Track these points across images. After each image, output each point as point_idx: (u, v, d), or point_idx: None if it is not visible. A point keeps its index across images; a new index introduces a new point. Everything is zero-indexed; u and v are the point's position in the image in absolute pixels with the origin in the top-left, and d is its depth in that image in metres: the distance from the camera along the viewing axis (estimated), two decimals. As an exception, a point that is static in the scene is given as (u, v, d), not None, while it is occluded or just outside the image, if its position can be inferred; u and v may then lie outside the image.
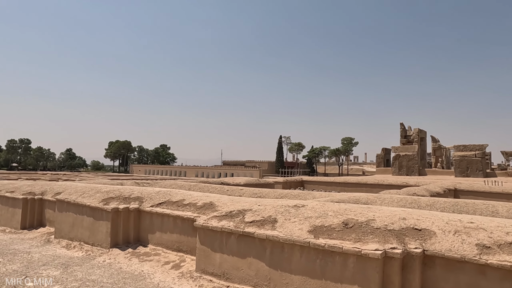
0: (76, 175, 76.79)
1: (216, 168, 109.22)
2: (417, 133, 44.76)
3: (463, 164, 31.85)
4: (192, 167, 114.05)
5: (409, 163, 35.75)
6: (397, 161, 36.55)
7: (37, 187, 10.55)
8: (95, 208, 6.93)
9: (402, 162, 36.08)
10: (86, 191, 7.94)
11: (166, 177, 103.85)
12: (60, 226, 7.97)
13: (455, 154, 32.95)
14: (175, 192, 6.97)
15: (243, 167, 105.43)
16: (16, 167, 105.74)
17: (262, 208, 4.86)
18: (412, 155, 35.49)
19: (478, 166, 31.10)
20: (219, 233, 4.69)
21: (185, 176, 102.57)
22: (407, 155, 35.78)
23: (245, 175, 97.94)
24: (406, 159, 35.87)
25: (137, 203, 6.74)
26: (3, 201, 10.70)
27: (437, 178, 29.33)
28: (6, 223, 10.35)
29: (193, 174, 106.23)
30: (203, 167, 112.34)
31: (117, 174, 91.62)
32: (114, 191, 7.43)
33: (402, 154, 36.12)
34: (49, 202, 9.68)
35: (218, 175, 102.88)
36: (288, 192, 10.47)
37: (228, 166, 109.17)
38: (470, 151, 31.95)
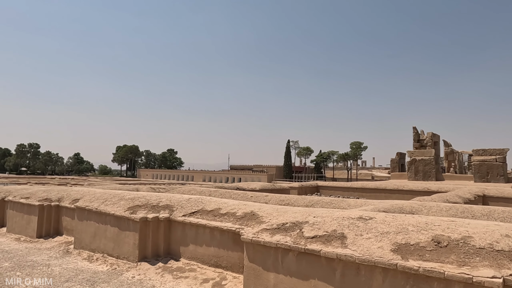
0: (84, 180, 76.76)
1: (223, 173, 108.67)
2: (431, 137, 43.82)
3: (483, 169, 30.85)
4: (199, 172, 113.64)
5: (425, 167, 34.81)
6: (413, 165, 35.63)
7: (53, 193, 10.02)
8: (120, 217, 6.34)
9: (418, 167, 35.14)
10: (108, 198, 7.36)
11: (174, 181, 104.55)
12: (80, 236, 7.39)
13: (474, 159, 31.95)
14: (207, 200, 6.36)
15: (250, 171, 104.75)
16: (25, 171, 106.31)
17: (320, 220, 4.22)
18: (429, 160, 34.55)
19: (499, 171, 30.07)
20: (273, 250, 4.06)
21: (193, 180, 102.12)
22: (424, 160, 34.86)
23: (252, 179, 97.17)
24: (423, 164, 34.93)
25: (167, 212, 6.13)
26: (18, 207, 10.18)
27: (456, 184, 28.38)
28: (21, 231, 9.81)
29: (200, 178, 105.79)
30: (211, 172, 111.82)
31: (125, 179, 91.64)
32: (139, 198, 6.84)
33: (418, 159, 35.18)
34: (66, 209, 9.13)
35: (225, 179, 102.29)
36: (319, 199, 9.80)
37: (235, 171, 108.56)
38: (490, 156, 30.96)
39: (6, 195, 12.72)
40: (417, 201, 9.57)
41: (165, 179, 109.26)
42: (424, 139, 46.05)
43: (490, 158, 30.16)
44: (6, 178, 76.80)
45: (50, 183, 65.16)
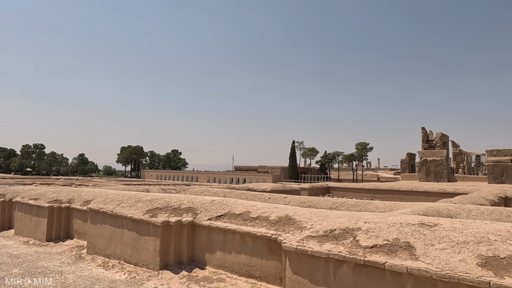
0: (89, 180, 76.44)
1: (228, 174, 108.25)
2: (440, 137, 43.10)
3: (498, 170, 30.11)
4: (203, 173, 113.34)
5: (437, 168, 34.10)
6: (424, 166, 34.90)
7: (63, 194, 9.55)
8: (139, 221, 5.85)
9: (429, 168, 34.43)
10: (123, 199, 6.87)
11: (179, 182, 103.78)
12: (93, 241, 6.91)
13: (488, 159, 31.20)
14: (232, 202, 5.85)
15: (255, 172, 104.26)
16: (30, 172, 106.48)
17: (374, 227, 3.69)
18: (441, 160, 33.83)
19: (515, 171, 29.28)
20: (323, 261, 3.54)
21: (197, 181, 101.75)
22: (435, 160, 34.13)
23: (257, 180, 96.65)
24: (434, 165, 34.22)
25: (191, 216, 5.63)
26: (26, 209, 9.74)
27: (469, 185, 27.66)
28: (30, 233, 9.36)
29: (205, 179, 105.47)
30: (215, 173, 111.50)
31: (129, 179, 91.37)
32: (158, 200, 6.35)
33: (429, 159, 34.46)
34: (77, 211, 8.66)
35: (230, 180, 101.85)
36: (343, 201, 9.26)
37: (240, 172, 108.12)
38: (505, 156, 30.22)
39: (13, 196, 12.29)
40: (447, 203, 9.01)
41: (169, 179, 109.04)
42: (433, 140, 45.31)
43: (505, 158, 29.43)
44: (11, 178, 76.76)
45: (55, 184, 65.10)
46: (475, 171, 56.75)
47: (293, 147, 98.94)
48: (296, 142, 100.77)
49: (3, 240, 9.99)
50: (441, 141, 43.86)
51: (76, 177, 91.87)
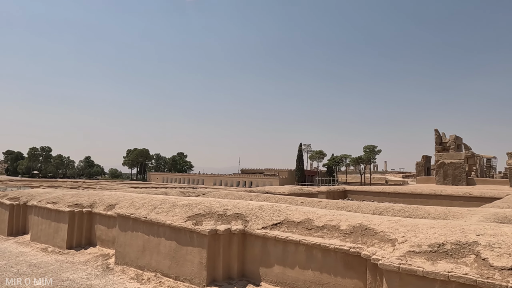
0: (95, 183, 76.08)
1: (234, 177, 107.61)
2: (454, 140, 42.14)
3: (520, 173, 29.10)
4: (210, 175, 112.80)
5: (455, 171, 33.11)
6: (441, 169, 33.93)
7: (83, 197, 8.91)
8: (179, 229, 5.16)
9: (447, 171, 33.45)
10: (156, 204, 6.19)
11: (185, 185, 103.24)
12: (123, 250, 6.23)
13: (509, 162, 30.20)
14: (284, 208, 5.14)
15: (262, 175, 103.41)
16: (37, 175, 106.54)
17: (497, 240, 2.97)
18: (459, 163, 32.87)
19: (538, 175, 28.27)
20: (438, 284, 2.82)
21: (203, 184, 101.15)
22: (453, 163, 33.16)
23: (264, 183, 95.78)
24: (452, 167, 33.25)
25: (240, 223, 4.93)
26: (44, 213, 9.10)
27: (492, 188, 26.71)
28: (48, 240, 8.72)
29: (211, 182, 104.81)
30: (221, 175, 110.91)
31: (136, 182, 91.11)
32: (198, 205, 5.66)
33: (447, 162, 33.50)
34: (101, 216, 8.00)
35: (236, 183, 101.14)
36: (387, 206, 8.51)
37: (246, 175, 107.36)
38: (528, 159, 29.19)
39: (28, 199, 11.69)
40: (501, 208, 8.23)
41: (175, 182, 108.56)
42: (446, 142, 44.34)
43: (527, 161, 28.46)
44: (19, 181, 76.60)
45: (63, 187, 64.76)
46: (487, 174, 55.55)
47: (300, 150, 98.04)
48: (303, 145, 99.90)
49: (19, 246, 9.37)
50: (455, 144, 42.86)
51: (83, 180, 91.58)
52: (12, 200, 11.65)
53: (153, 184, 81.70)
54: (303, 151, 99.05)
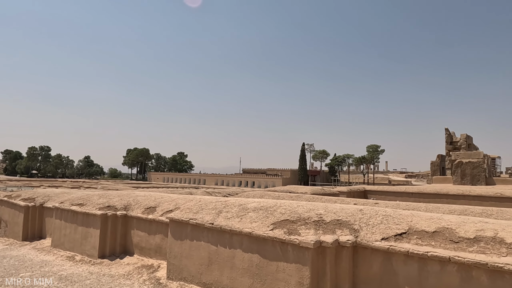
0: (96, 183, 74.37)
1: (236, 176, 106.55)
2: (465, 139, 41.38)
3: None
4: (211, 175, 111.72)
5: (473, 171, 32.18)
6: (459, 168, 32.99)
7: (115, 199, 7.82)
8: (265, 239, 4.11)
9: (465, 170, 32.53)
10: (219, 207, 5.14)
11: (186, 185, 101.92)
12: (178, 262, 5.17)
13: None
14: (397, 214, 4.11)
15: (264, 175, 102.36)
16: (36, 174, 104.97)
17: None
18: (478, 162, 31.92)
19: None
20: None
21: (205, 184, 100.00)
22: (471, 162, 32.22)
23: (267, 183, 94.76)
24: (470, 167, 32.32)
25: (348, 233, 3.89)
26: (68, 217, 8.02)
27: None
28: (74, 247, 7.64)
29: (212, 182, 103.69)
30: (223, 175, 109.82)
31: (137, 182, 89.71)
32: (277, 209, 4.62)
33: (465, 161, 32.56)
34: (138, 221, 6.91)
35: (238, 183, 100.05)
36: (463, 208, 7.49)
37: (248, 174, 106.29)
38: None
39: (45, 200, 10.59)
40: None
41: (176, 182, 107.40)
42: (457, 141, 43.53)
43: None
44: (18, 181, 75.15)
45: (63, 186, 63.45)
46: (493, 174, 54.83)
47: (303, 150, 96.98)
48: (306, 145, 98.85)
49: (39, 254, 8.28)
50: (466, 143, 42.04)
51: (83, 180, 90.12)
52: (27, 201, 10.55)
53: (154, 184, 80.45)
54: (306, 150, 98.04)
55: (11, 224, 10.86)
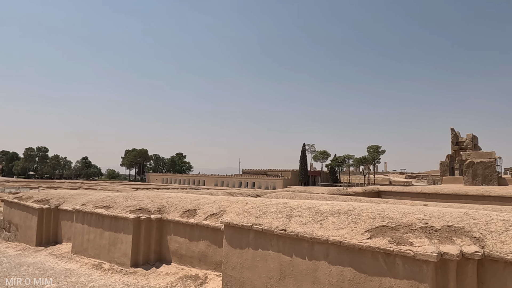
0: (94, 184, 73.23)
1: (236, 177, 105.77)
2: (471, 139, 41.04)
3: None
4: (211, 176, 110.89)
5: (485, 171, 31.69)
6: (470, 169, 32.46)
7: (145, 200, 7.09)
8: (363, 250, 3.43)
9: (476, 170, 32.04)
10: (282, 210, 4.45)
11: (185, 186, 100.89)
12: (238, 275, 4.46)
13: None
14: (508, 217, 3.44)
15: (264, 176, 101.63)
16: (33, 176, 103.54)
17: None
18: (489, 162, 31.43)
19: None
20: None
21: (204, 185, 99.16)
22: (483, 162, 31.75)
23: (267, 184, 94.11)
24: (482, 167, 31.85)
25: (470, 242, 3.22)
26: (92, 220, 7.29)
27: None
28: (100, 254, 6.91)
29: (212, 183, 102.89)
30: (223, 176, 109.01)
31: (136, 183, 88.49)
32: (361, 212, 3.94)
33: (476, 161, 32.08)
34: (176, 225, 6.19)
35: (238, 184, 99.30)
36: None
37: (248, 175, 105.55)
38: None
39: (59, 202, 9.84)
40: None
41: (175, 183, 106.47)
42: (463, 141, 43.18)
43: None
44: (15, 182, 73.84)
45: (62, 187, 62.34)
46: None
47: (303, 150, 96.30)
48: (306, 145, 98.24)
49: (60, 261, 7.54)
50: (472, 143, 41.67)
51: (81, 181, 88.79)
52: (41, 203, 9.80)
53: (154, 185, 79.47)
54: (307, 151, 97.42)
55: (22, 227, 10.10)
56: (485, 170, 32.07)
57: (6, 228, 11.19)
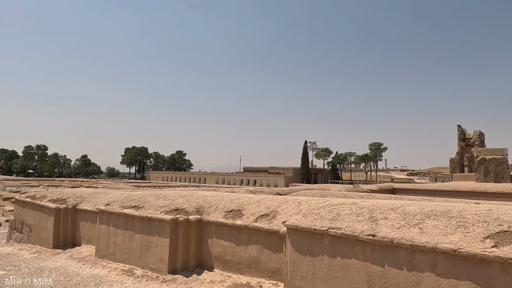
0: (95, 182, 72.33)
1: (237, 175, 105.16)
2: (478, 135, 40.58)
3: None
4: (211, 174, 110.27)
5: (497, 168, 31.17)
6: (482, 165, 31.93)
7: (179, 200, 6.47)
8: (494, 262, 2.85)
9: (489, 167, 31.53)
10: (365, 212, 3.86)
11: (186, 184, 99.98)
12: (311, 286, 3.87)
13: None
14: None
15: (266, 173, 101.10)
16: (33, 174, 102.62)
17: None
18: (502, 159, 30.90)
19: None
20: None
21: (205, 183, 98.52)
22: (495, 159, 31.23)
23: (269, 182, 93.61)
24: (494, 164, 31.33)
25: None
26: (119, 222, 6.66)
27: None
28: (130, 258, 6.29)
29: (213, 181, 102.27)
30: (224, 174, 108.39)
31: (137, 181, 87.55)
32: (466, 213, 3.35)
33: (488, 158, 31.56)
34: (219, 227, 5.58)
35: (240, 182, 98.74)
36: None
37: (250, 173, 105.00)
38: None
39: (77, 202, 9.19)
40: None
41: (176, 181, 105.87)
42: (470, 138, 42.72)
43: None
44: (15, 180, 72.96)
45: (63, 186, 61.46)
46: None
47: (305, 147, 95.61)
48: (308, 142, 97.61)
49: (84, 266, 6.92)
50: (479, 139, 41.18)
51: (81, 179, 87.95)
52: (57, 203, 9.17)
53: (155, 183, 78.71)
54: (309, 148, 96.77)
55: (37, 229, 9.47)
56: (498, 167, 31.58)
57: (18, 229, 10.56)
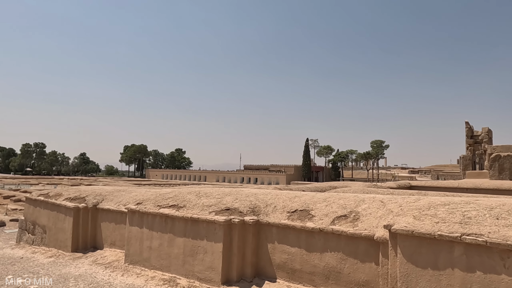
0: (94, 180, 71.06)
1: (238, 173, 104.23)
2: (486, 132, 39.95)
3: None
4: (211, 172, 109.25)
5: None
6: (496, 163, 31.21)
7: (226, 198, 5.62)
8: None
9: (503, 164, 30.80)
10: (474, 213, 3.04)
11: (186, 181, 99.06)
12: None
13: None
14: None
15: (267, 171, 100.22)
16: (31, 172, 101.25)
17: None
18: (517, 156, 30.19)
19: None
20: None
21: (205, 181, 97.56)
22: (510, 156, 30.51)
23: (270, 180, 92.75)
24: (509, 161, 30.62)
25: None
26: (155, 223, 5.81)
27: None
28: (171, 266, 5.44)
29: (213, 179, 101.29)
30: (224, 172, 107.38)
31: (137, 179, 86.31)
32: None
33: (503, 155, 30.84)
34: (282, 230, 4.74)
35: (240, 180, 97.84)
36: None
37: (250, 171, 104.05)
38: None
39: (98, 200, 8.29)
40: None
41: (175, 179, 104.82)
42: (478, 135, 42.09)
43: None
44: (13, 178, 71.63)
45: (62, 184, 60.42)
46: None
47: (307, 145, 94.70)
48: (310, 140, 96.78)
49: (113, 273, 6.06)
50: (488, 137, 40.54)
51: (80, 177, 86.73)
52: (76, 202, 8.29)
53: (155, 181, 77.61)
54: (310, 146, 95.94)
55: (52, 230, 8.59)
56: (513, 164, 30.87)
57: (29, 230, 9.67)
